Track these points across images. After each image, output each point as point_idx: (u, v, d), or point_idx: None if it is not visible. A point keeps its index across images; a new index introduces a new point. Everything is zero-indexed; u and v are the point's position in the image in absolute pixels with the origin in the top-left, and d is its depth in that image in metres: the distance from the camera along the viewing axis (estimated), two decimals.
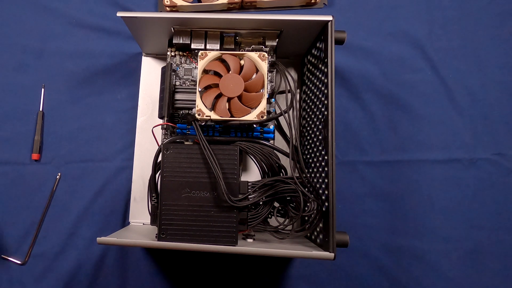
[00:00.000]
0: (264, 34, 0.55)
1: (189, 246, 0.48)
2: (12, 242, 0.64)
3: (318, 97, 0.55)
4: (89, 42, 0.70)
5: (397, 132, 0.66)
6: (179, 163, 0.50)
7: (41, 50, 0.70)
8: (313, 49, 0.58)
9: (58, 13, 0.71)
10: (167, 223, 0.49)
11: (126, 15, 0.52)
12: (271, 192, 0.50)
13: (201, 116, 0.49)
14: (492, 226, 0.64)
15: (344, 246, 0.47)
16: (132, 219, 0.64)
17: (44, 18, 0.71)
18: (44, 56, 0.70)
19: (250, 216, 0.50)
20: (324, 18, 0.50)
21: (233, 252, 0.47)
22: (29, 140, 0.67)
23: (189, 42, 0.55)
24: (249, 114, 0.49)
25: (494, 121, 0.66)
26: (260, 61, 0.50)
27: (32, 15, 0.71)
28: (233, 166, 0.49)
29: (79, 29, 0.71)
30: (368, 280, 0.63)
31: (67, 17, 0.71)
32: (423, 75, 0.68)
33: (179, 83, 0.58)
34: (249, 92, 0.50)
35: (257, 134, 0.54)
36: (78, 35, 0.71)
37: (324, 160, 0.50)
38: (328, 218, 0.47)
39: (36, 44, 0.70)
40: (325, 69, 0.52)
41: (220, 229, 0.48)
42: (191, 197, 0.49)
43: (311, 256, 0.46)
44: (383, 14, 0.70)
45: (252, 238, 0.54)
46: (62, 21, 0.71)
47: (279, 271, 0.63)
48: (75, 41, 0.70)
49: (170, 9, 0.66)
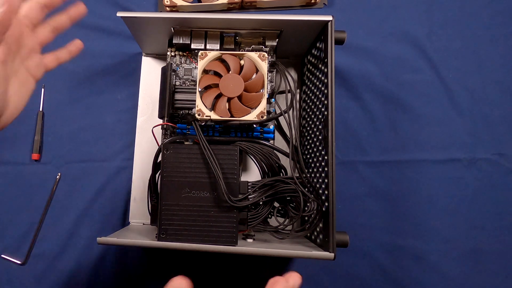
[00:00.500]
0: (264, 34, 0.55)
1: (189, 246, 0.48)
2: (12, 242, 0.64)
3: (318, 97, 0.55)
4: (89, 42, 0.69)
5: (397, 132, 0.66)
6: (179, 163, 0.50)
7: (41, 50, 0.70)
8: (313, 49, 0.58)
9: (58, 12, 0.71)
10: (167, 223, 0.49)
11: (126, 15, 0.52)
12: (271, 192, 0.50)
13: (201, 116, 0.49)
14: (492, 226, 0.64)
15: (344, 246, 0.47)
16: (132, 219, 0.64)
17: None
18: None
19: (250, 216, 0.50)
20: (324, 18, 0.50)
21: (233, 252, 0.47)
22: (29, 140, 0.67)
23: (189, 42, 0.55)
24: (249, 114, 0.49)
25: (494, 121, 0.66)
26: (260, 61, 0.50)
27: None
28: (233, 166, 0.49)
29: (79, 28, 0.70)
30: (368, 280, 0.63)
31: None
32: (423, 75, 0.68)
33: (179, 83, 0.58)
34: (249, 92, 0.50)
35: (257, 134, 0.54)
36: (78, 35, 0.70)
37: (324, 160, 0.50)
38: (328, 218, 0.47)
39: None
40: (325, 69, 0.52)
41: (220, 229, 0.48)
42: (191, 197, 0.49)
43: (311, 256, 0.46)
44: (383, 14, 0.70)
45: (252, 238, 0.54)
46: None
47: (278, 271, 0.63)
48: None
49: (170, 9, 0.66)
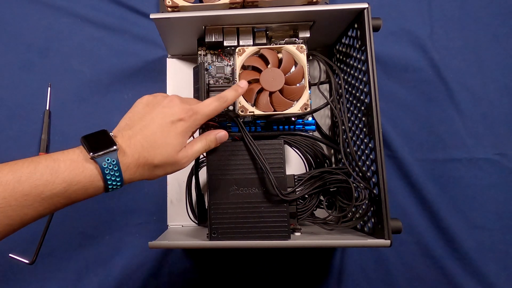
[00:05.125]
0: (295, 27, 0.55)
1: (242, 244, 0.47)
2: (20, 241, 0.63)
3: (355, 86, 0.54)
4: (94, 41, 0.70)
5: (397, 131, 0.66)
6: (224, 161, 0.50)
7: (47, 49, 0.69)
8: (343, 38, 0.58)
9: (63, 11, 0.70)
10: (217, 222, 0.48)
11: (158, 17, 0.51)
12: (319, 183, 0.49)
13: (245, 112, 0.49)
14: (492, 227, 0.63)
15: (398, 232, 0.47)
16: (170, 222, 0.63)
17: (49, 16, 0.70)
18: (50, 55, 0.69)
19: (299, 209, 0.50)
20: (359, 5, 0.50)
21: (288, 246, 0.47)
22: (36, 139, 0.66)
23: (221, 39, 0.54)
24: (292, 107, 0.49)
25: (495, 121, 0.66)
26: (298, 53, 0.50)
27: (37, 13, 0.70)
28: (279, 160, 0.49)
29: (85, 27, 0.70)
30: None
31: (73, 15, 0.70)
32: (423, 75, 0.68)
33: (213, 81, 0.57)
34: (289, 85, 0.49)
35: (299, 127, 0.53)
36: (84, 33, 0.70)
37: (368, 147, 0.50)
38: (381, 205, 0.46)
39: (41, 42, 0.69)
40: (361, 57, 0.52)
41: (271, 224, 0.48)
42: (239, 194, 0.49)
43: (367, 245, 0.46)
44: (385, 13, 0.69)
45: (299, 231, 0.54)
46: (67, 20, 0.70)
47: (323, 265, 0.63)
48: (81, 39, 0.70)
49: (171, 10, 0.65)
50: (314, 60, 0.62)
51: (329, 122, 0.65)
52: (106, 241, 0.64)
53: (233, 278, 0.63)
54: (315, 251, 0.63)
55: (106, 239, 0.64)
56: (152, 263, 0.63)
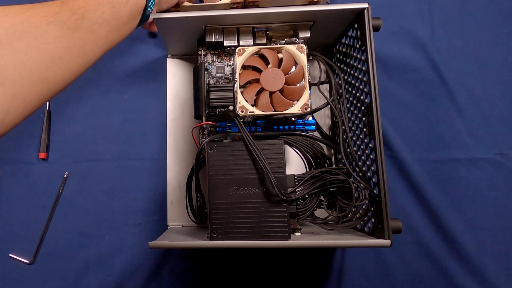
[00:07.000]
0: (295, 27, 0.55)
1: (242, 244, 0.47)
2: (19, 241, 0.64)
3: (355, 86, 0.54)
4: None
5: (397, 131, 0.66)
6: (224, 161, 0.49)
7: None
8: (343, 38, 0.58)
9: None
10: (217, 222, 0.48)
11: (159, 17, 0.51)
12: (319, 183, 0.49)
13: (245, 112, 0.49)
14: (492, 227, 0.63)
15: (398, 232, 0.47)
16: (170, 222, 0.63)
17: None
18: None
19: (299, 209, 0.50)
20: (359, 5, 0.50)
21: (288, 246, 0.47)
22: (36, 139, 0.66)
23: (221, 39, 0.54)
24: (292, 107, 0.49)
25: (495, 121, 0.66)
26: (299, 53, 0.50)
27: None
28: (279, 160, 0.49)
29: None
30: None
31: None
32: (423, 75, 0.67)
33: (213, 81, 0.57)
34: (289, 85, 0.49)
35: (299, 127, 0.53)
36: None
37: (368, 147, 0.50)
38: (381, 205, 0.46)
39: None
40: (361, 57, 0.52)
41: (271, 224, 0.48)
42: (239, 194, 0.49)
43: (367, 245, 0.46)
44: (385, 13, 0.69)
45: (299, 231, 0.54)
46: None
47: (322, 264, 0.63)
48: None
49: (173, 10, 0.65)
50: (314, 60, 0.62)
51: (329, 122, 0.65)
52: (106, 241, 0.64)
53: (233, 278, 0.63)
54: (315, 251, 0.63)
55: (106, 239, 0.64)
56: (152, 263, 0.63)
